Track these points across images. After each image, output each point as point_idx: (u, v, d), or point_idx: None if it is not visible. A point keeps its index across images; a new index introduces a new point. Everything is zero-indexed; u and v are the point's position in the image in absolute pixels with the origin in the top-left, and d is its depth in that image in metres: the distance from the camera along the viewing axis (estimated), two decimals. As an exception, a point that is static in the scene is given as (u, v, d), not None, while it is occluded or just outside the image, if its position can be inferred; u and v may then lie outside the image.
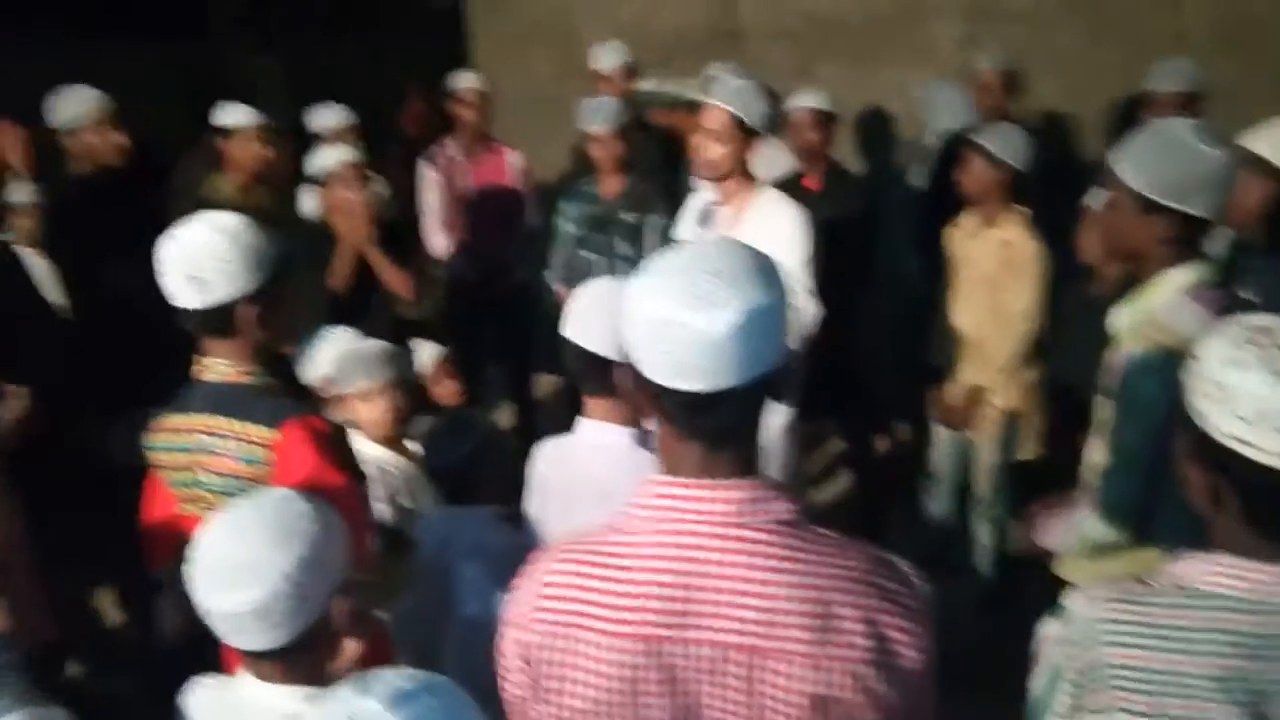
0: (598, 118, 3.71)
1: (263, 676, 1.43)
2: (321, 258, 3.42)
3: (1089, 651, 1.18)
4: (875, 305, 3.83)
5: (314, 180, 3.53)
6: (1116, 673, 1.16)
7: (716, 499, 1.11)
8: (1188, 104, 3.43)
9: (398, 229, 3.78)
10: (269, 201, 3.90)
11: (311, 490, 1.61)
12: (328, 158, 3.51)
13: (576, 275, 3.92)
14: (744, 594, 1.08)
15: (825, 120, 3.74)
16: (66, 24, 6.32)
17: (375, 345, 2.65)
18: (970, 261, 3.35)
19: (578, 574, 1.16)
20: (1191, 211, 1.78)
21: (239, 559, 1.36)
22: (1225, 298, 1.85)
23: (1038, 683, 1.27)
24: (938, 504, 3.72)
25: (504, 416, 4.86)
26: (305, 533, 1.40)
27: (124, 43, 6.41)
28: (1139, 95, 3.68)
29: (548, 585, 1.18)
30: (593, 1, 5.68)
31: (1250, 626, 1.12)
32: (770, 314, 1.08)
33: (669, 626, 1.10)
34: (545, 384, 5.20)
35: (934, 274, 3.50)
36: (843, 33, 5.04)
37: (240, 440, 1.84)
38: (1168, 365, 1.75)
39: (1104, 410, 1.95)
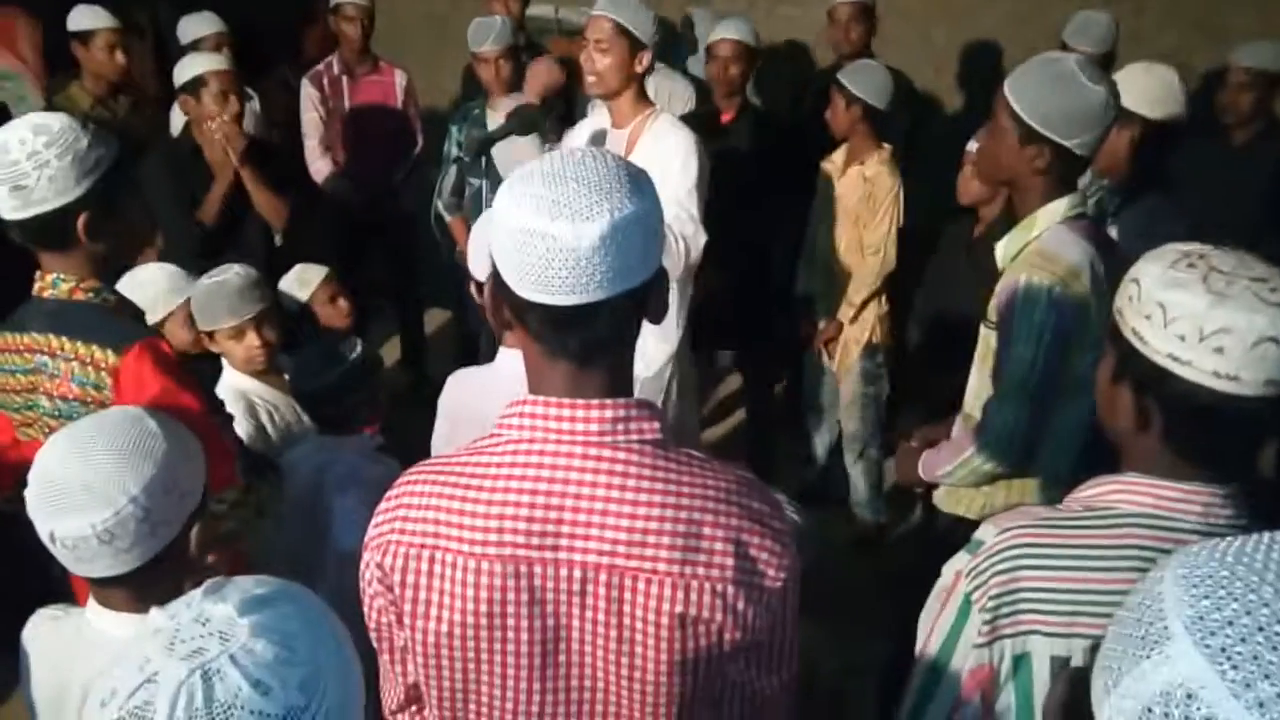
0: (486, 38, 3.60)
1: (110, 605, 1.36)
2: (189, 179, 3.24)
3: (1004, 577, 1.19)
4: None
5: (183, 91, 3.30)
6: (1032, 595, 1.17)
7: (586, 418, 1.08)
8: (1104, 62, 3.47)
9: (273, 150, 3.61)
10: (131, 114, 3.68)
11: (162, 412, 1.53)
12: (195, 65, 3.27)
13: (464, 201, 3.83)
14: (610, 514, 1.07)
15: (747, 53, 3.64)
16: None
17: (236, 279, 2.50)
18: (838, 197, 3.43)
19: (439, 494, 1.12)
20: (1068, 145, 1.82)
21: (82, 480, 1.28)
22: (1098, 232, 1.91)
23: (938, 622, 1.27)
24: (819, 439, 3.81)
25: (390, 349, 4.75)
26: (153, 451, 1.32)
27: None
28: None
29: (407, 506, 1.14)
30: (488, -80, 5.46)
31: (1161, 543, 1.14)
32: (640, 224, 1.04)
33: (535, 548, 1.08)
34: (435, 317, 5.09)
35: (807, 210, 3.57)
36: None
37: (80, 363, 1.73)
38: (1056, 292, 1.81)
39: (987, 341, 2.00)
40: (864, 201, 3.34)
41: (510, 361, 1.82)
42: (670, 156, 2.79)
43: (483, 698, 1.16)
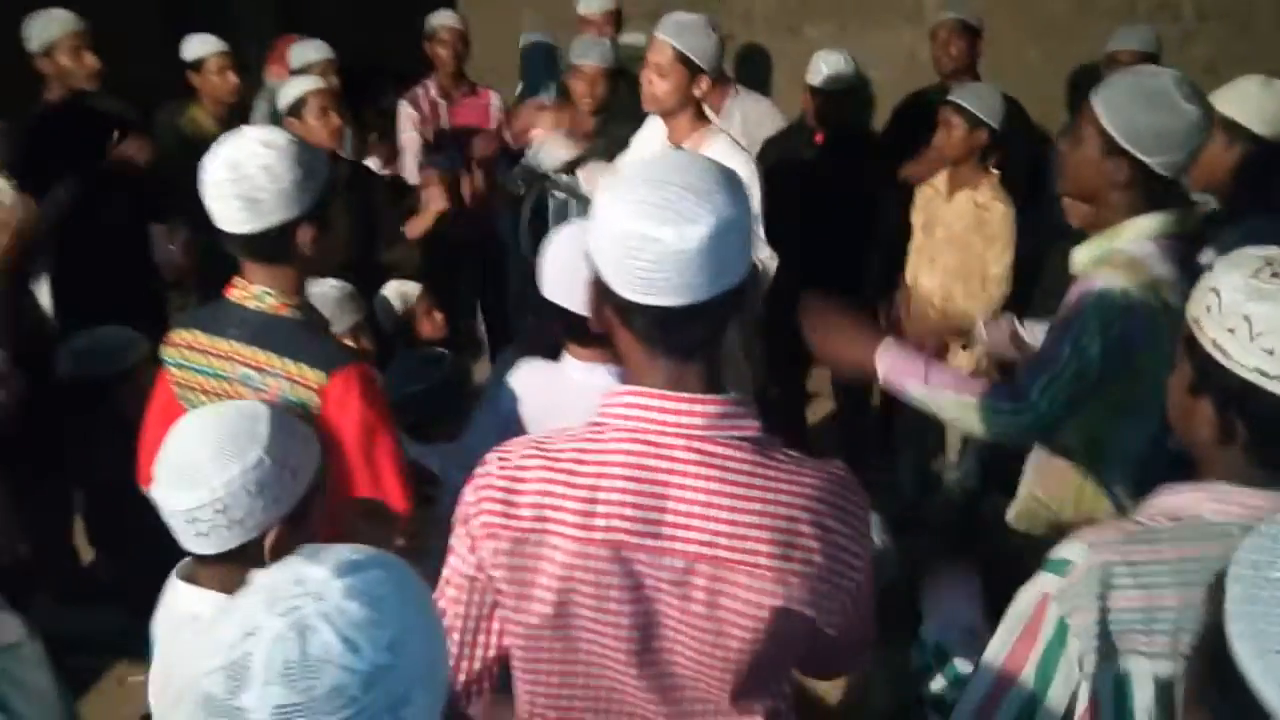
0: (590, 54, 3.66)
1: (197, 580, 1.45)
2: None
3: (1101, 599, 1.13)
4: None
5: (289, 115, 3.45)
6: (1131, 615, 1.12)
7: (691, 411, 1.12)
8: (1147, 63, 3.42)
9: (370, 174, 3.76)
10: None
11: (356, 443, 1.64)
12: (297, 87, 3.40)
13: (549, 217, 3.89)
14: (712, 506, 1.10)
15: (846, 84, 3.68)
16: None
17: (334, 291, 2.58)
18: (941, 223, 3.36)
19: (546, 479, 1.15)
20: (1149, 163, 1.75)
21: (196, 458, 1.37)
22: (1188, 252, 1.84)
23: (1029, 652, 1.19)
24: (911, 466, 3.76)
25: (482, 366, 4.85)
26: (259, 432, 1.41)
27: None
28: (1104, 58, 3.68)
29: (510, 490, 1.17)
30: (583, -50, 5.59)
31: None
32: (737, 227, 1.08)
33: (638, 534, 1.11)
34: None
35: (894, 234, 3.53)
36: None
37: (290, 380, 1.74)
38: (1134, 296, 1.73)
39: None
40: (975, 229, 3.27)
41: (577, 370, 1.87)
42: None
43: (577, 679, 1.20)
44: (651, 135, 3.09)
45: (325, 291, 2.58)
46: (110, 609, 2.79)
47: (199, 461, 1.37)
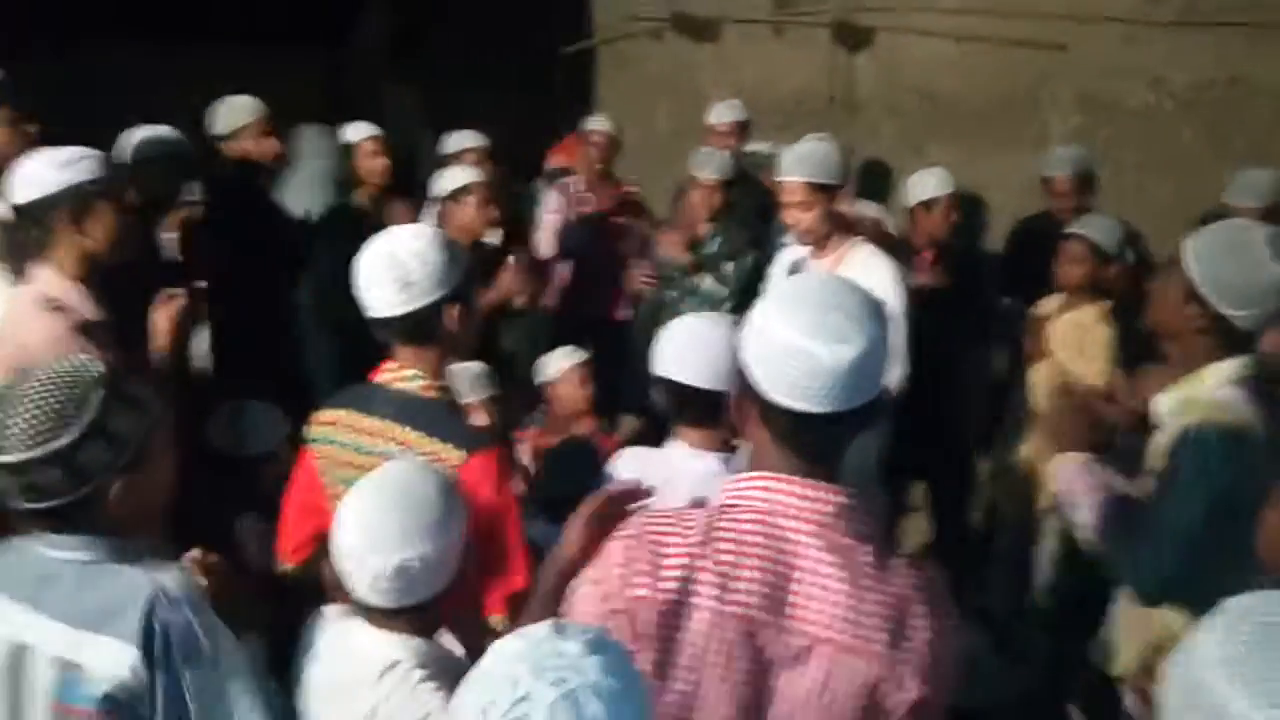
0: (708, 166, 3.86)
1: (386, 626, 1.58)
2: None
3: None
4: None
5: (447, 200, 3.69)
6: None
7: (819, 499, 1.24)
8: (1267, 217, 3.39)
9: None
10: (402, 213, 4.12)
11: (488, 521, 1.77)
12: (460, 176, 3.64)
13: (660, 313, 4.04)
14: (834, 591, 1.21)
15: (958, 202, 3.83)
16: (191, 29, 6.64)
17: (469, 366, 2.77)
18: (1049, 345, 3.38)
19: (690, 552, 1.26)
20: (1227, 314, 1.80)
21: (400, 523, 1.52)
22: (1271, 392, 1.86)
23: None
24: (1001, 592, 3.70)
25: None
26: (452, 523, 1.57)
27: (267, 51, 6.83)
28: (1220, 207, 3.59)
29: (652, 564, 1.27)
30: (717, 62, 5.88)
31: None
32: (880, 349, 1.22)
33: (767, 611, 1.22)
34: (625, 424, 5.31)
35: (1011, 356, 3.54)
36: (957, 114, 5.13)
37: (434, 459, 1.83)
38: (1230, 443, 1.76)
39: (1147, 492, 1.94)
40: (1076, 351, 3.30)
41: (682, 454, 1.96)
42: (874, 286, 2.91)
43: None
44: (792, 254, 3.23)
45: (464, 367, 2.74)
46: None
47: (392, 528, 1.51)
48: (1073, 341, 3.31)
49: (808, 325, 1.20)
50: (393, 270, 1.83)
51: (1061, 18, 4.61)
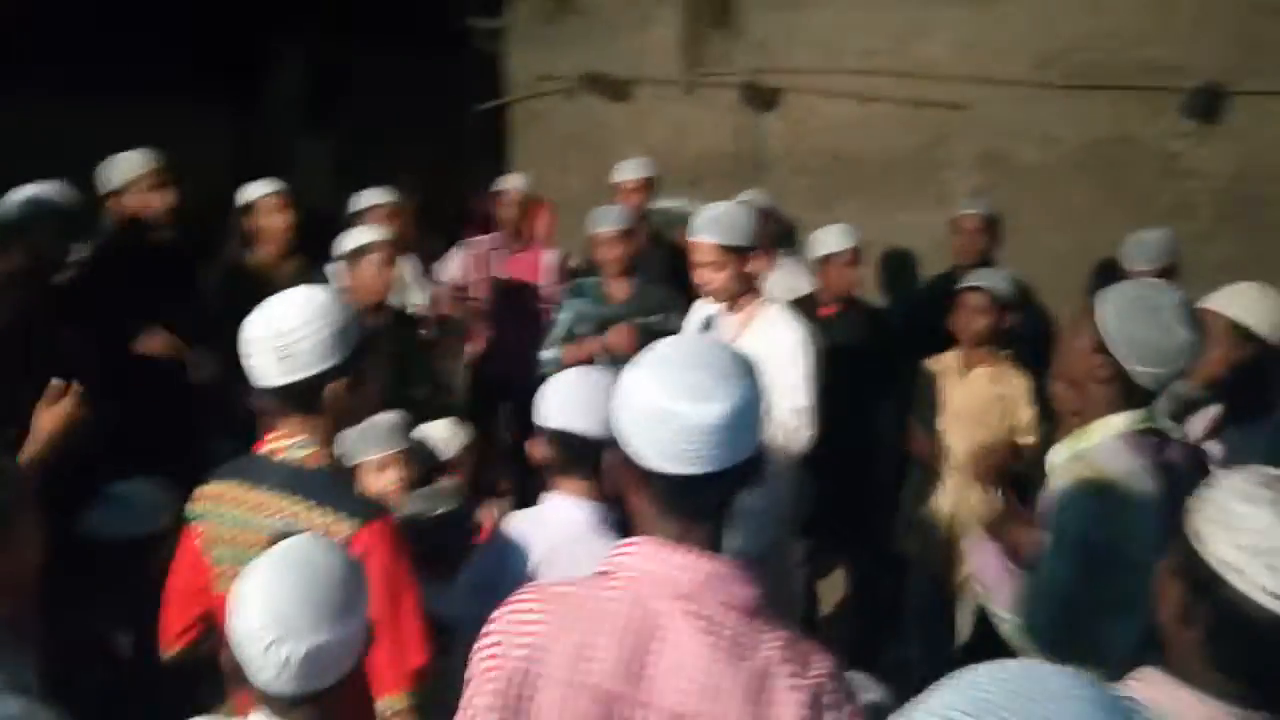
0: (604, 221, 3.87)
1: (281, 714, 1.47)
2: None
3: None
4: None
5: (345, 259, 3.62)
6: None
7: (685, 567, 1.21)
8: (1161, 276, 3.49)
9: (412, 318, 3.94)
10: (302, 273, 4.03)
11: (382, 594, 1.68)
12: (361, 236, 3.59)
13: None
14: (694, 664, 1.17)
15: (859, 257, 3.91)
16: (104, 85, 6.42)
17: (389, 415, 2.71)
18: (953, 400, 3.45)
19: (544, 622, 1.24)
20: (1132, 372, 1.86)
21: (288, 611, 1.41)
22: (1162, 448, 1.91)
23: None
24: (915, 638, 3.71)
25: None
26: (355, 610, 1.48)
27: (173, 108, 6.68)
28: (1109, 262, 3.73)
29: (511, 629, 1.26)
30: (629, 120, 5.94)
31: None
32: (751, 407, 1.20)
33: (625, 683, 1.18)
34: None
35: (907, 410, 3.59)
36: (862, 172, 5.25)
37: (321, 530, 1.75)
38: (1095, 501, 1.83)
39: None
40: (993, 404, 3.36)
41: (559, 506, 1.97)
42: (782, 347, 2.94)
43: None
44: (703, 310, 3.24)
45: (371, 423, 2.65)
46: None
47: (302, 610, 1.42)
48: (989, 397, 3.35)
49: (674, 386, 1.19)
50: (274, 340, 1.77)
51: (960, 79, 4.78)
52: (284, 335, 1.77)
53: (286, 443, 1.85)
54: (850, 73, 5.08)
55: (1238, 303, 2.45)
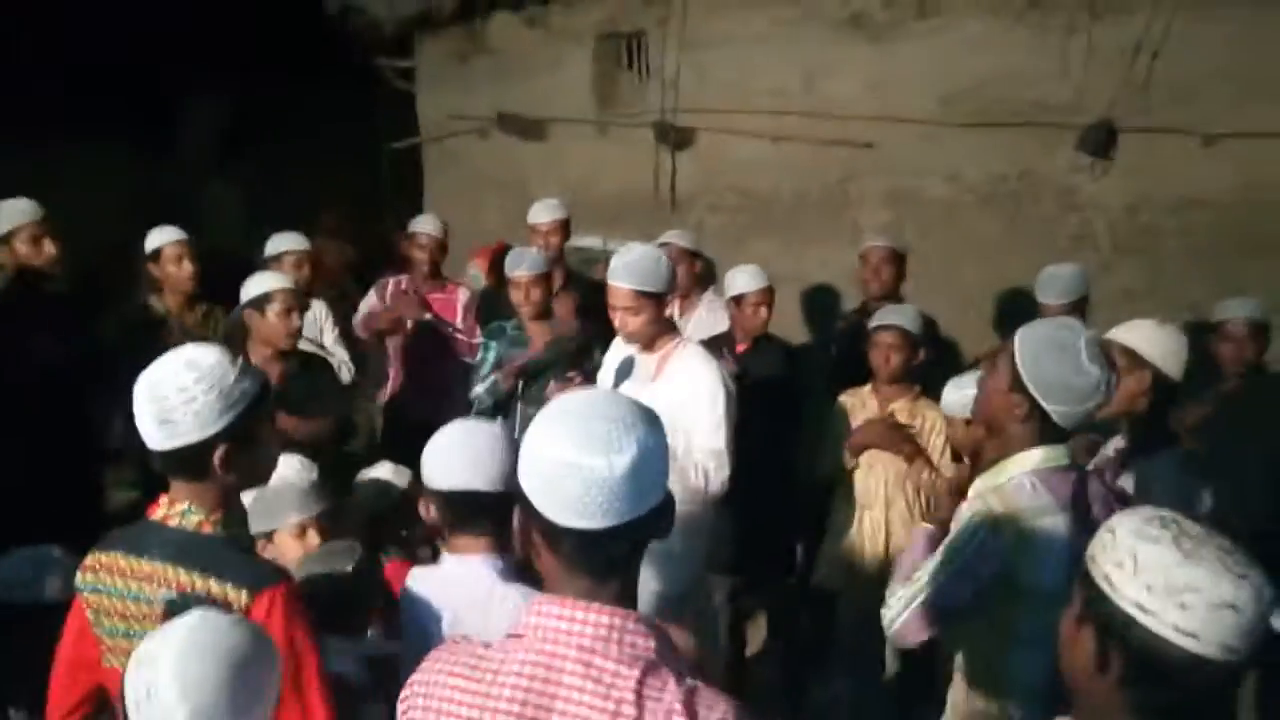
0: (520, 264, 3.83)
1: None
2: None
3: None
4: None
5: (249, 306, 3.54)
6: None
7: (585, 620, 1.19)
8: (1071, 312, 3.58)
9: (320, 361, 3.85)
10: (203, 323, 3.94)
11: (287, 663, 1.61)
12: (264, 283, 3.51)
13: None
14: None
15: (771, 297, 3.94)
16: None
17: (300, 479, 2.59)
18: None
19: (446, 679, 1.24)
20: (1047, 409, 1.91)
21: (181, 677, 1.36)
22: (1078, 482, 1.96)
23: None
24: (844, 673, 3.71)
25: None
26: (265, 695, 1.44)
27: (78, 149, 6.49)
28: (1037, 305, 3.76)
29: (420, 687, 1.26)
30: (543, 159, 5.95)
31: None
32: (655, 455, 1.19)
33: None
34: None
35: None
36: (773, 209, 5.33)
37: (212, 602, 1.69)
38: (984, 533, 1.90)
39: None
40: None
41: (457, 565, 1.91)
42: (699, 389, 2.96)
43: None
44: (620, 350, 3.22)
45: (291, 481, 2.57)
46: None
47: (218, 694, 1.36)
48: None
49: (577, 439, 1.17)
50: (153, 404, 1.71)
51: (868, 119, 4.88)
52: (164, 400, 1.70)
53: (178, 509, 1.78)
54: (760, 113, 5.16)
55: (1139, 335, 2.52)
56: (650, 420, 1.22)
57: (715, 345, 3.98)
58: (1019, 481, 1.93)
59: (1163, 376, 2.48)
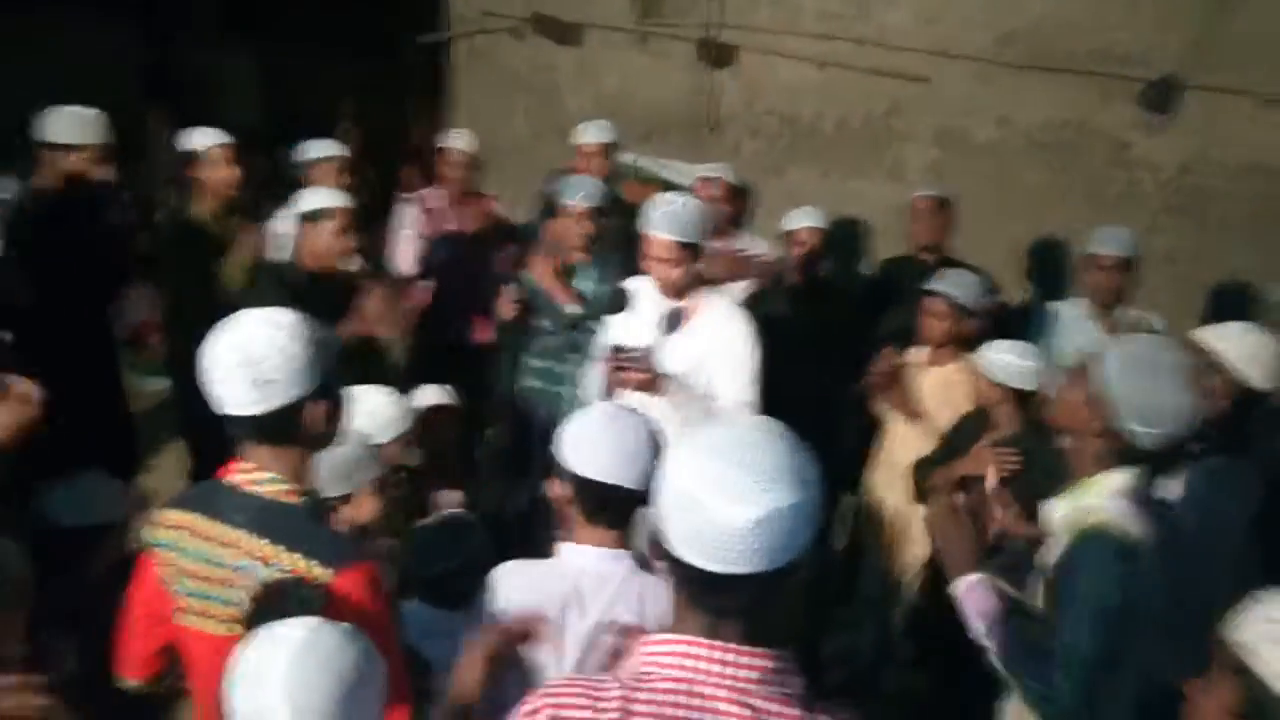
0: (579, 194, 3.69)
1: None
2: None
3: None
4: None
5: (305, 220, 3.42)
6: None
7: (738, 664, 1.17)
8: (1126, 267, 3.58)
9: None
10: (250, 237, 3.83)
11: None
12: (319, 199, 3.37)
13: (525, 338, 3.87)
14: None
15: (823, 238, 3.96)
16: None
17: (346, 451, 2.41)
18: (917, 395, 3.44)
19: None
20: (1133, 435, 1.85)
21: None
22: (1157, 506, 1.92)
23: None
24: (866, 629, 3.77)
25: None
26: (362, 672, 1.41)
27: (77, 17, 6.19)
28: (1082, 259, 3.73)
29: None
30: (577, 67, 5.75)
31: None
32: (795, 513, 1.14)
33: None
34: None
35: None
36: (815, 138, 5.20)
37: (296, 576, 1.66)
38: (1114, 565, 1.79)
39: (1037, 596, 1.99)
40: (945, 405, 3.34)
41: (584, 557, 1.80)
42: (730, 345, 2.99)
43: None
44: (648, 290, 3.17)
45: (340, 453, 2.38)
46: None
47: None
48: (940, 398, 3.38)
49: (710, 477, 1.14)
50: (249, 368, 1.63)
51: (920, 52, 4.72)
52: (263, 361, 1.64)
53: (256, 475, 1.74)
54: (809, 36, 4.99)
55: (1223, 337, 2.47)
56: (798, 471, 1.16)
57: (770, 270, 3.99)
58: (1120, 506, 1.87)
59: (1242, 381, 2.43)
